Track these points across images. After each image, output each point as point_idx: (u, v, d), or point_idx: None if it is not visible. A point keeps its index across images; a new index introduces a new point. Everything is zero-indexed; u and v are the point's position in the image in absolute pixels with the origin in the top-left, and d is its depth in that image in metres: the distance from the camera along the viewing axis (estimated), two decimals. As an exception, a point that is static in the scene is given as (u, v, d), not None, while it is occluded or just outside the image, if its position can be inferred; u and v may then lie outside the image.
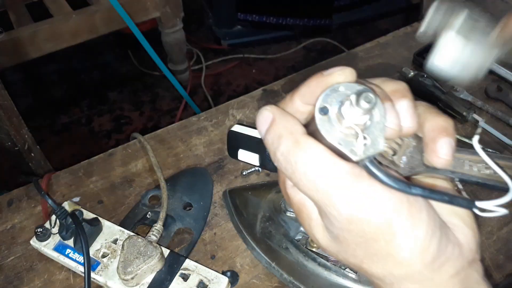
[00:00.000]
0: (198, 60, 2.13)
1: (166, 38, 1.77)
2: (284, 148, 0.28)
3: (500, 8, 1.07)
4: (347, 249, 0.29)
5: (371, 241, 0.27)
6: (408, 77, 0.81)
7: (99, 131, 1.84)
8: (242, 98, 0.80)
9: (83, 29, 1.49)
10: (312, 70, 0.86)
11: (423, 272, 0.28)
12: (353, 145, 0.26)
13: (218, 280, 0.52)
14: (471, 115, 0.74)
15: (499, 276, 0.56)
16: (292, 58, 2.15)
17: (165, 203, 0.59)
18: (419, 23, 0.97)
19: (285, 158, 0.27)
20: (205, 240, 0.59)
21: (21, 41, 1.38)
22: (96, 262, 0.53)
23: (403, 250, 0.27)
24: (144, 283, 0.52)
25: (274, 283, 0.55)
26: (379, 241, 0.27)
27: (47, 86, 2.06)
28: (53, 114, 1.90)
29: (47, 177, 0.65)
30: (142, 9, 1.58)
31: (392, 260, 0.27)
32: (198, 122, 0.76)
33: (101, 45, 2.15)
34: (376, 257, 0.28)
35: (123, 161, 0.69)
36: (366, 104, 0.25)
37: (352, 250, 0.29)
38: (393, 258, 0.27)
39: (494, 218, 0.62)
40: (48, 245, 0.55)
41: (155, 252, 0.51)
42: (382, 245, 0.27)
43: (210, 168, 0.68)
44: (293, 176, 0.27)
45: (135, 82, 2.05)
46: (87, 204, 0.63)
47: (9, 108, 0.89)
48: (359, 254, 0.28)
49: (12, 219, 0.62)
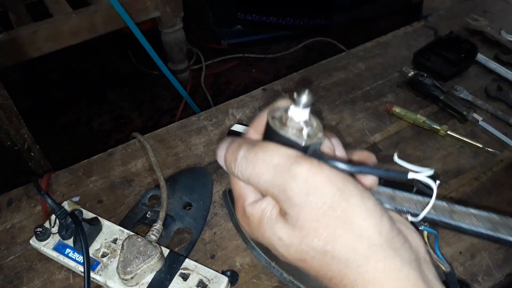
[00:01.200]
0: (198, 60, 2.12)
1: (166, 37, 1.77)
2: (245, 149, 0.32)
3: (500, 8, 1.07)
4: (309, 231, 0.30)
5: (330, 211, 0.29)
6: (408, 77, 0.81)
7: (98, 130, 1.84)
8: (242, 98, 0.80)
9: (83, 29, 1.49)
10: (312, 69, 0.86)
11: (384, 247, 0.29)
12: (300, 136, 0.31)
13: (218, 279, 0.52)
14: (471, 114, 0.74)
15: (499, 276, 0.56)
16: (292, 58, 2.15)
17: (164, 202, 0.59)
18: (419, 23, 0.97)
19: (245, 157, 0.31)
20: (204, 240, 0.59)
21: (21, 41, 1.38)
22: (96, 262, 0.53)
23: (359, 217, 0.29)
24: (144, 282, 0.51)
25: (273, 282, 0.55)
26: (336, 210, 0.29)
27: (47, 86, 2.06)
28: (53, 114, 1.90)
29: (46, 176, 0.65)
30: (142, 9, 1.58)
31: (352, 233, 0.29)
32: (198, 121, 0.76)
33: (101, 45, 2.14)
34: (337, 231, 0.29)
35: (122, 161, 0.69)
36: (305, 97, 0.30)
37: (314, 230, 0.29)
38: (352, 230, 0.29)
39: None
40: (47, 244, 0.55)
41: (155, 251, 0.51)
42: (339, 215, 0.29)
43: (210, 167, 0.68)
44: (253, 173, 0.31)
45: (135, 81, 2.05)
46: (87, 203, 0.63)
47: (9, 108, 0.89)
48: (322, 233, 0.29)
49: (11, 219, 0.62)
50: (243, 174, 0.32)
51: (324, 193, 0.29)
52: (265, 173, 0.30)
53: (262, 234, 0.32)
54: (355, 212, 0.29)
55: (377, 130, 0.74)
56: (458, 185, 0.66)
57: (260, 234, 0.33)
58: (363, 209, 0.30)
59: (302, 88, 0.31)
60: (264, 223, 0.32)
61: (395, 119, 0.76)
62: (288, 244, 0.31)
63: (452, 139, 0.73)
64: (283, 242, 0.31)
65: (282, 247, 0.31)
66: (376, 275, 0.29)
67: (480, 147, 0.71)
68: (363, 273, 0.29)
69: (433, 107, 0.78)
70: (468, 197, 0.65)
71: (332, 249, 0.29)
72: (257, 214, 0.33)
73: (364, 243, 0.29)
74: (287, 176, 0.30)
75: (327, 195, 0.29)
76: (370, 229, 0.29)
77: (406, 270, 0.29)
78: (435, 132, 0.74)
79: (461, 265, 0.57)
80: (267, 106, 0.33)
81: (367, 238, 0.29)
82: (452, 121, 0.76)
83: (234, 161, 0.32)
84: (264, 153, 0.31)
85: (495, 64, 0.85)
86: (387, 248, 0.29)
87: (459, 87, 0.80)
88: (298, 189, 0.29)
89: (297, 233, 0.30)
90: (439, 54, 0.87)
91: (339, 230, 0.29)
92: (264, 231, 0.32)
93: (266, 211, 0.32)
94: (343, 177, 0.30)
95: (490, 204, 0.64)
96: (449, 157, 0.70)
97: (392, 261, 0.29)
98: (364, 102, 0.79)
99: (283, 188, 0.30)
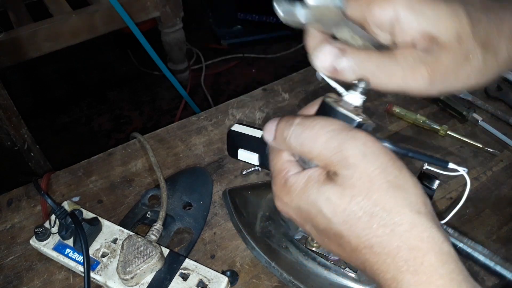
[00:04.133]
0: (198, 60, 2.13)
1: (166, 37, 1.77)
2: (301, 118, 0.33)
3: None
4: (361, 190, 0.30)
5: (384, 173, 0.30)
6: (408, 77, 0.81)
7: (98, 130, 1.84)
8: (242, 98, 0.80)
9: (83, 29, 1.49)
10: (312, 69, 0.86)
11: (429, 218, 0.30)
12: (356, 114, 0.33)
13: (217, 279, 0.52)
14: (471, 114, 0.74)
15: (499, 276, 0.56)
16: (292, 58, 2.15)
17: (164, 202, 0.59)
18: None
19: (301, 123, 0.33)
20: (204, 240, 0.59)
21: (21, 41, 1.38)
22: (96, 262, 0.53)
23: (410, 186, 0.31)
24: (144, 282, 0.51)
25: (273, 282, 0.55)
26: (389, 174, 0.30)
27: (47, 86, 2.06)
28: (53, 114, 1.90)
29: (46, 176, 0.65)
30: (142, 9, 1.59)
31: (402, 197, 0.30)
32: (197, 121, 0.76)
33: (101, 45, 2.15)
34: (388, 194, 0.30)
35: (122, 161, 0.69)
36: (364, 84, 0.33)
37: (366, 189, 0.30)
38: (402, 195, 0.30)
39: (494, 217, 0.62)
40: (47, 244, 0.55)
41: (155, 251, 0.51)
42: (391, 179, 0.30)
43: (210, 167, 0.68)
44: (308, 136, 0.32)
45: (135, 81, 2.05)
46: (87, 203, 0.63)
47: (9, 108, 0.89)
48: (373, 193, 0.30)
49: (11, 219, 0.62)
50: (296, 138, 0.33)
51: (380, 157, 0.31)
52: (322, 135, 0.31)
53: (307, 198, 0.32)
54: (406, 180, 0.30)
55: (377, 130, 0.74)
56: (458, 185, 0.66)
57: (304, 199, 0.32)
58: (412, 181, 0.31)
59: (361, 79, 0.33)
60: (311, 186, 0.32)
61: (395, 119, 0.76)
62: (336, 203, 0.31)
63: (452, 139, 0.73)
64: (331, 202, 0.31)
65: (329, 208, 0.31)
66: (421, 244, 0.29)
67: (480, 147, 0.71)
68: (407, 239, 0.29)
69: (433, 107, 0.78)
70: (468, 197, 0.65)
71: (381, 211, 0.29)
72: (303, 179, 0.33)
73: (413, 209, 0.30)
74: (347, 137, 0.31)
75: (382, 160, 0.31)
76: (418, 198, 0.30)
77: (447, 246, 0.29)
78: (435, 132, 0.74)
79: (461, 265, 0.57)
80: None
81: (415, 205, 0.30)
82: (452, 121, 0.76)
83: (289, 126, 0.33)
84: (323, 120, 0.32)
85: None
86: (431, 219, 0.30)
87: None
88: (357, 149, 0.30)
89: (347, 192, 0.30)
90: (439, 54, 0.87)
91: (390, 193, 0.30)
92: (310, 194, 0.32)
93: (313, 176, 0.32)
94: (393, 153, 0.32)
95: (491, 204, 0.64)
96: (449, 157, 0.70)
97: (436, 233, 0.29)
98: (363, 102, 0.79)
99: (340, 149, 0.31)
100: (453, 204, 0.64)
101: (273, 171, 0.35)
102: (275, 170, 0.35)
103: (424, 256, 0.28)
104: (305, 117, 0.33)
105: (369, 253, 0.30)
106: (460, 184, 0.66)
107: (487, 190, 0.66)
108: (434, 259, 0.28)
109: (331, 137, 0.31)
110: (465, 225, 0.61)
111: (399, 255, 0.29)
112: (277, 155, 0.35)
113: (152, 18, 1.65)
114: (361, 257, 0.31)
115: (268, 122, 0.35)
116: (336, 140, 0.31)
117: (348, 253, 0.32)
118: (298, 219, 0.34)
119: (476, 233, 0.60)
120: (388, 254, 0.29)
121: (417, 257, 0.28)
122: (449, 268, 0.29)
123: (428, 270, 0.28)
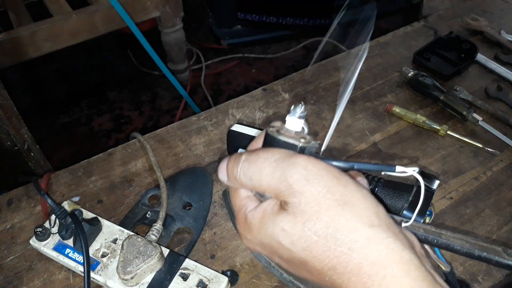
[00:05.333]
0: (198, 60, 2.12)
1: (166, 37, 1.77)
2: (246, 154, 0.34)
3: (500, 8, 1.07)
4: (311, 214, 0.30)
5: (329, 194, 0.30)
6: (407, 77, 0.81)
7: (98, 130, 1.84)
8: (241, 98, 0.80)
9: (83, 29, 1.49)
10: (312, 69, 0.86)
11: (384, 228, 0.30)
12: (296, 140, 0.34)
13: (217, 279, 0.52)
14: (471, 114, 0.74)
15: (499, 275, 0.56)
16: (292, 58, 2.15)
17: (164, 202, 0.59)
18: (419, 23, 0.97)
19: (247, 159, 0.33)
20: (204, 240, 0.59)
21: (21, 41, 1.38)
22: (96, 262, 0.53)
23: (358, 200, 0.31)
24: (144, 282, 0.51)
25: (273, 282, 0.55)
26: (335, 194, 0.30)
27: (47, 86, 2.06)
28: (53, 114, 1.90)
29: (46, 176, 0.65)
30: (142, 9, 1.58)
31: (352, 214, 0.30)
32: (197, 121, 0.76)
33: (101, 45, 2.15)
34: (338, 213, 0.30)
35: (122, 161, 0.69)
36: (300, 109, 0.34)
37: (316, 213, 0.30)
38: (351, 211, 0.30)
39: (494, 217, 0.62)
40: (47, 244, 0.55)
41: (155, 251, 0.51)
42: (338, 198, 0.30)
43: (210, 167, 0.68)
44: (255, 170, 0.32)
45: (135, 81, 2.05)
46: (87, 203, 0.63)
47: (9, 108, 0.89)
48: (323, 216, 0.30)
49: (11, 219, 0.62)
50: (245, 174, 0.33)
51: (323, 179, 0.31)
52: (267, 167, 0.32)
53: (265, 232, 0.32)
54: (353, 195, 0.31)
55: (377, 130, 0.75)
56: (458, 185, 0.66)
57: (263, 233, 0.33)
58: (360, 194, 0.31)
59: (297, 102, 0.34)
60: (266, 219, 0.32)
61: (395, 119, 0.76)
62: (291, 232, 0.31)
63: (452, 139, 0.73)
64: (286, 232, 0.31)
65: (286, 238, 0.31)
66: (380, 257, 0.29)
67: (480, 147, 0.71)
68: (367, 254, 0.29)
69: (433, 107, 0.78)
70: (468, 197, 0.65)
71: (334, 231, 0.30)
72: (259, 215, 0.33)
73: (365, 223, 0.30)
74: (288, 165, 0.31)
75: (326, 180, 0.31)
76: (369, 211, 0.30)
77: (408, 254, 0.30)
78: (435, 132, 0.74)
79: (461, 265, 0.57)
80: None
81: (367, 219, 0.30)
82: (452, 121, 0.76)
83: (237, 164, 0.34)
84: (266, 152, 0.33)
85: (495, 64, 0.85)
86: (387, 230, 0.30)
87: (459, 87, 0.80)
88: (298, 175, 0.31)
89: (299, 219, 0.30)
90: (439, 54, 0.87)
91: (339, 212, 0.30)
92: (267, 228, 0.32)
93: (267, 209, 0.33)
94: (338, 169, 0.32)
95: (491, 204, 0.64)
96: (449, 157, 0.70)
97: (394, 243, 0.30)
98: (364, 102, 0.79)
99: (284, 177, 0.31)
100: (452, 204, 0.64)
101: (234, 210, 0.36)
102: (236, 208, 0.36)
103: (386, 269, 0.29)
104: (251, 152, 0.34)
105: (334, 274, 0.30)
106: (460, 184, 0.66)
107: (487, 190, 0.66)
108: (396, 269, 0.29)
109: (275, 167, 0.32)
110: (465, 225, 0.61)
111: (362, 272, 0.29)
112: (235, 193, 0.36)
113: (152, 18, 1.65)
114: (328, 279, 0.31)
115: (220, 163, 0.36)
116: (280, 169, 0.31)
117: (317, 277, 0.32)
118: (265, 253, 0.35)
119: (476, 233, 0.60)
120: (351, 272, 0.29)
121: (379, 271, 0.29)
122: (413, 276, 0.29)
123: (392, 282, 0.29)
